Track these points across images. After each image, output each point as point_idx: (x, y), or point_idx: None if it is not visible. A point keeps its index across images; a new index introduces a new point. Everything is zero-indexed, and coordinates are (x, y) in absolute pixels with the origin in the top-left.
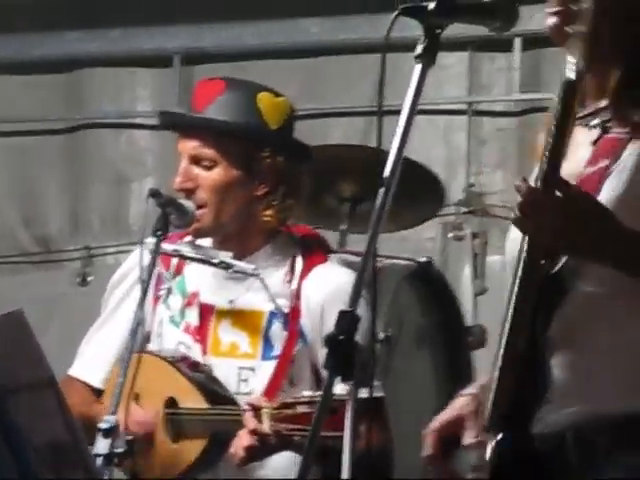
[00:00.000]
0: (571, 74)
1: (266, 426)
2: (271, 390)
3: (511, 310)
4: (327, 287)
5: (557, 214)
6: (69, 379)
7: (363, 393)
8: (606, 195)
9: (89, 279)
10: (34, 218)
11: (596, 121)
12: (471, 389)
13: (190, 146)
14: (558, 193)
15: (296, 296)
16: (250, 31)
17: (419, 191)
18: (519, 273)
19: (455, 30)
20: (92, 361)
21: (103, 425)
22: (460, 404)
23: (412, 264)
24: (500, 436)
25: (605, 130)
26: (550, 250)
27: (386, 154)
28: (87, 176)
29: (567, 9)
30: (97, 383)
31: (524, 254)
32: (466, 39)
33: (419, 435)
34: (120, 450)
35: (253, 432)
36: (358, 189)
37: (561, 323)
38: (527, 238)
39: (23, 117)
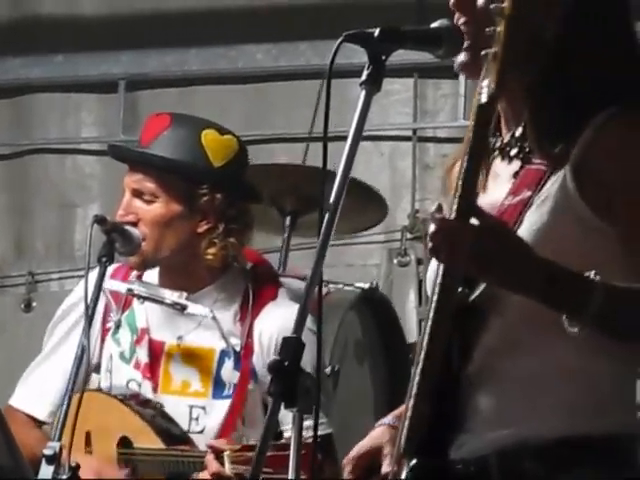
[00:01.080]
0: (483, 98)
1: (227, 469)
2: (225, 430)
3: (426, 338)
4: (279, 326)
5: (471, 243)
6: (11, 409)
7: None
8: (528, 226)
9: (33, 305)
10: None
11: (515, 151)
12: (387, 419)
13: (133, 179)
14: (474, 221)
15: (248, 334)
16: (194, 57)
17: (359, 201)
18: (434, 300)
19: (400, 56)
20: (36, 393)
21: (47, 451)
22: (377, 434)
23: (357, 290)
24: (414, 462)
25: (526, 160)
26: (466, 277)
27: (326, 173)
28: (32, 202)
29: (476, 42)
30: (41, 416)
31: (439, 281)
32: (411, 65)
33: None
34: (64, 477)
35: (215, 475)
36: (298, 204)
37: (481, 352)
38: (442, 265)
39: None
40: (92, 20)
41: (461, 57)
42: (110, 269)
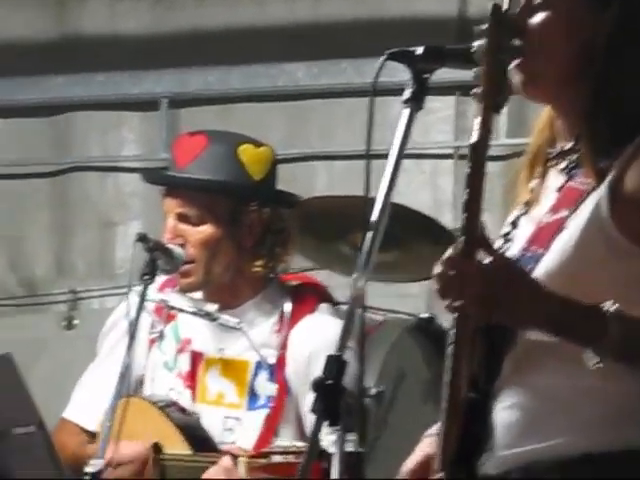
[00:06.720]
0: (473, 138)
1: (242, 474)
2: (261, 443)
3: (451, 360)
4: (314, 338)
5: (479, 284)
6: (63, 422)
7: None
8: (557, 247)
9: (75, 323)
10: (20, 261)
11: (563, 165)
12: (434, 429)
13: (175, 204)
14: (486, 258)
15: (283, 346)
16: (236, 75)
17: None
18: (452, 326)
19: (441, 75)
20: (86, 405)
21: (90, 469)
22: (425, 445)
23: (413, 319)
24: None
25: (571, 176)
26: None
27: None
28: (73, 220)
29: (531, 59)
30: (91, 426)
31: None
32: (453, 83)
33: None
34: None
35: (225, 470)
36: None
37: (507, 368)
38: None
39: (8, 161)
40: (134, 39)
41: (516, 77)
42: (159, 280)
